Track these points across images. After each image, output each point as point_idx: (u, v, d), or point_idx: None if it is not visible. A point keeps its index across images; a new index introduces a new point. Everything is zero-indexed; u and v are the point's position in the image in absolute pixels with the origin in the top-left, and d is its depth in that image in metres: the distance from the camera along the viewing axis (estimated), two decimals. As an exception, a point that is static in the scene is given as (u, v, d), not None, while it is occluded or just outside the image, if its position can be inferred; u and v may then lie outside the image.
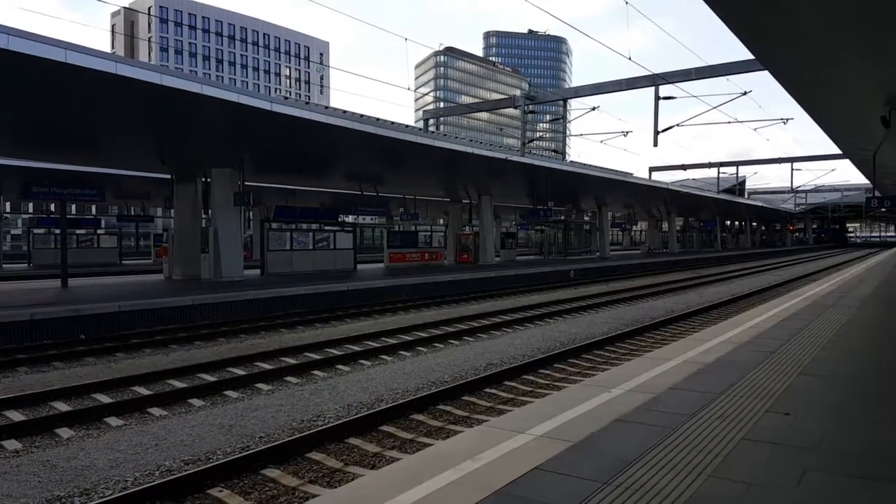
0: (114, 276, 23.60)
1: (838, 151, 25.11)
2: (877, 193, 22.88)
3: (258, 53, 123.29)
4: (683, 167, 67.10)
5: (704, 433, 4.19)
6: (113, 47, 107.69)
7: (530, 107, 35.79)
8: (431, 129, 43.36)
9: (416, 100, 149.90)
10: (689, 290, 22.60)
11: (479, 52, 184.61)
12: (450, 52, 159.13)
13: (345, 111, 17.77)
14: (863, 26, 8.41)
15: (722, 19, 8.03)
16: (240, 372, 9.40)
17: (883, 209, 25.56)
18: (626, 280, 27.55)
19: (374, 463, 5.62)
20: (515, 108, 35.51)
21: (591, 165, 35.14)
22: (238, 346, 11.62)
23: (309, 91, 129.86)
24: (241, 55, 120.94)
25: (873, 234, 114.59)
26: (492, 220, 33.87)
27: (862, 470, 3.58)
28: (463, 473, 3.45)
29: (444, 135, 29.98)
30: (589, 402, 4.98)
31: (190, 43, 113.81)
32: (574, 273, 28.13)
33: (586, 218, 48.35)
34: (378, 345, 11.37)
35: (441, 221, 50.80)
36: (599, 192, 36.52)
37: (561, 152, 50.65)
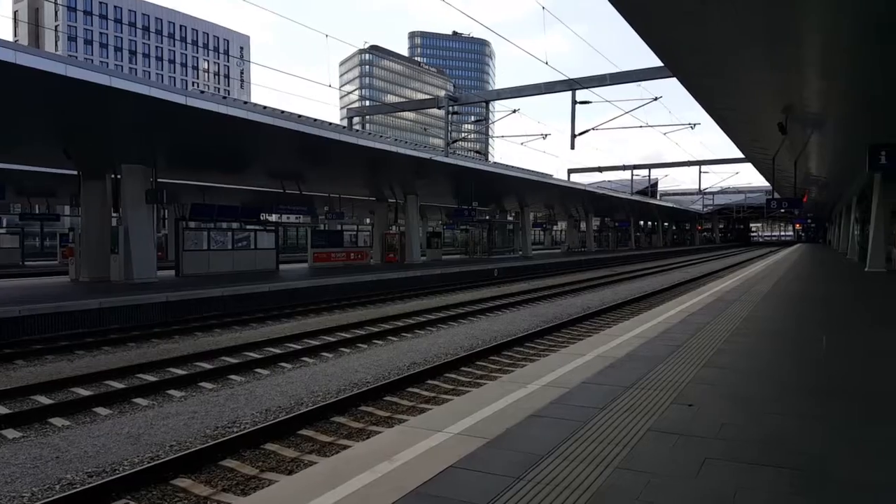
0: (15, 279, 22.00)
1: (741, 155, 26.82)
2: (776, 195, 24.55)
3: (174, 46, 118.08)
4: (600, 169, 69.59)
5: (613, 425, 4.37)
6: (15, 35, 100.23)
7: (454, 108, 36.08)
8: (357, 127, 42.90)
9: (342, 97, 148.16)
10: (605, 287, 23.47)
11: (405, 52, 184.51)
12: (375, 50, 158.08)
13: (265, 107, 17.35)
14: (764, 40, 9.02)
15: (635, 30, 8.41)
16: (151, 378, 8.99)
17: (782, 210, 27.47)
18: (546, 278, 28.30)
19: (292, 468, 5.51)
20: (439, 108, 35.73)
21: (513, 167, 35.84)
22: (149, 352, 11.10)
23: (229, 86, 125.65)
24: (157, 47, 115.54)
25: (774, 234, 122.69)
26: (417, 220, 33.95)
27: (758, 457, 3.79)
28: (379, 475, 3.45)
29: (369, 133, 29.78)
30: (506, 399, 5.08)
31: (101, 33, 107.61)
32: (498, 272, 28.61)
33: (509, 218, 49.30)
34: (300, 347, 11.17)
35: (368, 221, 50.40)
36: (522, 192, 37.33)
37: (484, 153, 51.37)
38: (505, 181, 31.25)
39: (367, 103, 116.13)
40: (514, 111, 28.86)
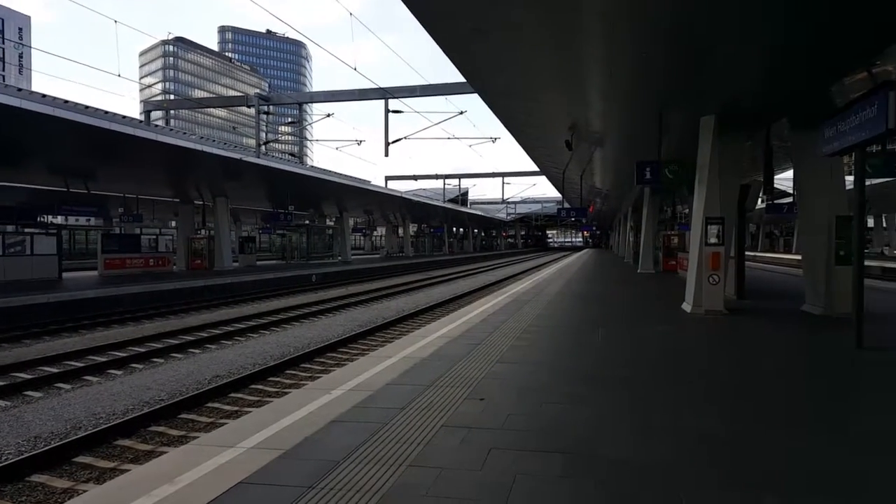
0: None
1: (537, 169, 29.31)
2: (566, 205, 27.19)
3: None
4: (415, 177, 71.80)
5: (410, 424, 4.53)
6: None
7: (269, 108, 34.79)
8: (159, 122, 39.49)
9: (142, 90, 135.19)
10: (420, 290, 24.19)
11: (214, 47, 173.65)
12: (180, 42, 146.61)
13: (44, 95, 15.42)
14: (553, 63, 9.91)
15: (439, 45, 8.80)
16: None
17: (571, 218, 30.53)
18: (365, 283, 28.42)
19: (62, 500, 4.91)
20: (249, 107, 34.18)
21: (331, 171, 35.58)
22: None
23: (3, 70, 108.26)
24: None
25: (567, 240, 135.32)
26: (228, 224, 32.12)
27: (537, 444, 4.15)
28: (157, 499, 3.21)
29: (171, 129, 27.61)
30: (308, 406, 5.02)
31: None
32: (316, 277, 28.11)
33: (329, 223, 48.69)
34: (82, 364, 9.98)
35: (172, 224, 46.57)
36: (340, 197, 37.06)
37: (299, 156, 50.26)
38: (323, 185, 30.78)
39: (172, 97, 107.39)
40: (329, 115, 28.63)
